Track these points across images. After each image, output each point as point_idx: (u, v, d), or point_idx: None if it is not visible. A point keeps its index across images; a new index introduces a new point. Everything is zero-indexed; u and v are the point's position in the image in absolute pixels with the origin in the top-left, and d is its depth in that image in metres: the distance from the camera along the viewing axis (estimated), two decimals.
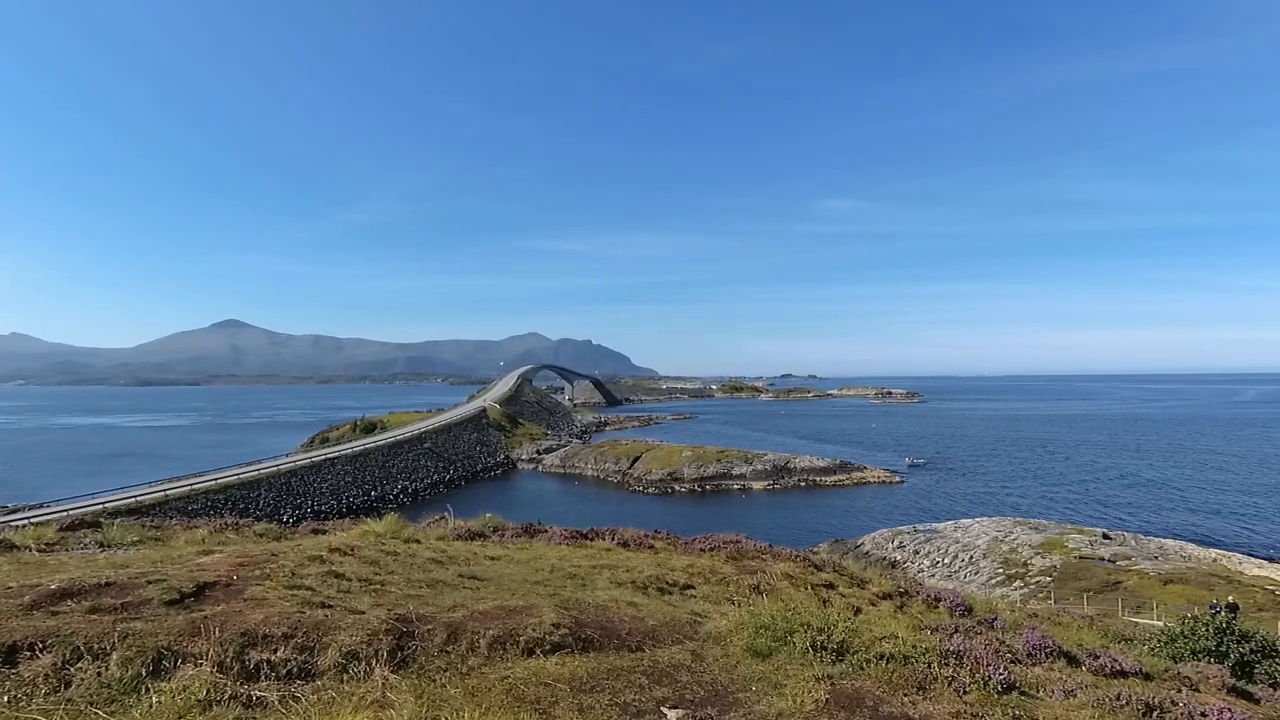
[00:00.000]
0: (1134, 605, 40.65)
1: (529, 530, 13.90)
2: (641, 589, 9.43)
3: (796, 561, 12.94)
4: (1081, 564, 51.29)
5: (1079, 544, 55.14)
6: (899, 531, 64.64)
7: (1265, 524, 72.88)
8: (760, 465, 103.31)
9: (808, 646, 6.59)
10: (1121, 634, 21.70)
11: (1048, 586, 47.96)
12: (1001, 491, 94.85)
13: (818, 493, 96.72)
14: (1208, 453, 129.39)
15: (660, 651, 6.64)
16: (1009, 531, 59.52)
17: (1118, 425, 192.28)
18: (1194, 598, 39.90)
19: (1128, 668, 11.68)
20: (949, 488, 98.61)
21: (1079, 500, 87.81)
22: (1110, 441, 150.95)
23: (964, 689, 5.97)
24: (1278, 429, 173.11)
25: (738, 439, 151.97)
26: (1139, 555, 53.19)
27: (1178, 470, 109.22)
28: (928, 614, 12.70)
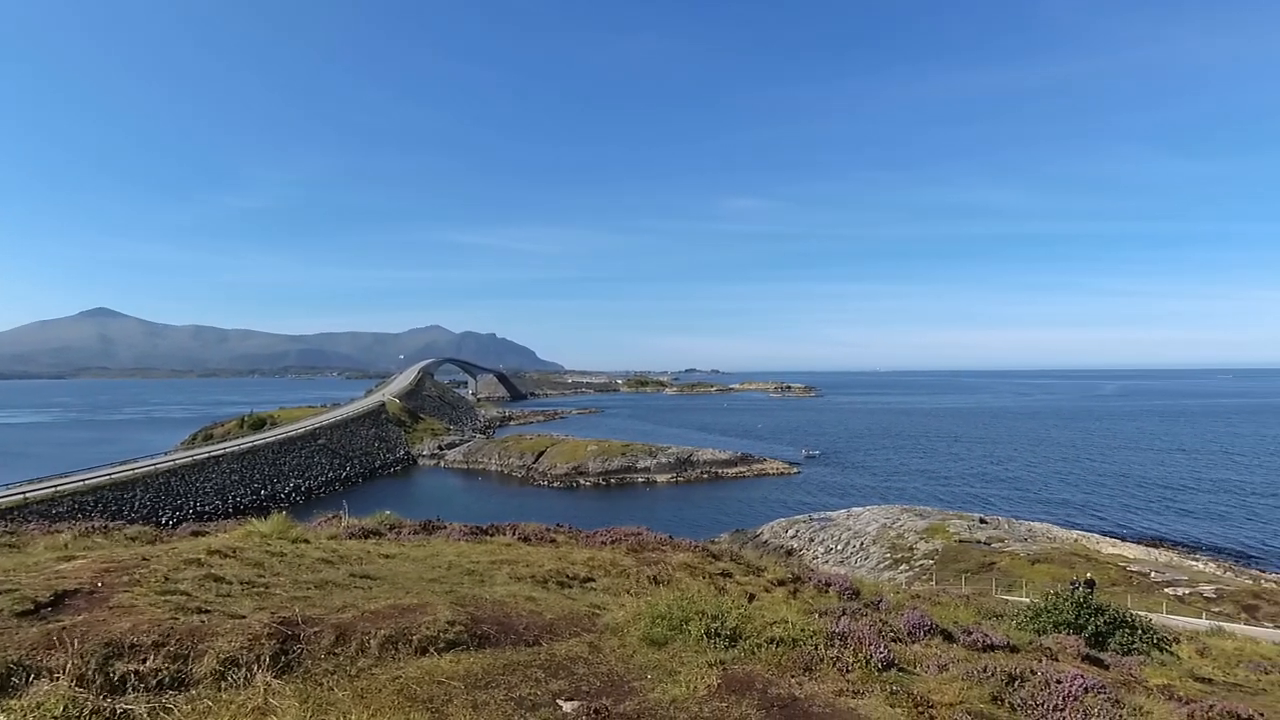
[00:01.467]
0: (1006, 584, 44.15)
1: (427, 527, 13.54)
2: (541, 583, 9.40)
3: (695, 552, 13.25)
4: (961, 547, 55.08)
5: (959, 528, 59.18)
6: (795, 520, 67.29)
7: (1117, 508, 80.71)
8: (664, 458, 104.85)
9: (702, 634, 6.78)
10: (993, 611, 23.50)
11: (930, 569, 51.23)
12: (890, 480, 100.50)
13: (720, 484, 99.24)
14: (1068, 444, 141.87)
15: (558, 645, 6.65)
16: (896, 518, 63.13)
17: (995, 418, 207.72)
18: (1058, 575, 43.70)
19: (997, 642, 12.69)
20: (842, 478, 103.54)
21: (959, 487, 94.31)
22: (987, 433, 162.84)
23: (847, 668, 6.32)
24: (1128, 421, 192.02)
25: (643, 433, 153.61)
26: (1011, 538, 57.67)
27: (1045, 459, 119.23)
28: (819, 598, 13.33)
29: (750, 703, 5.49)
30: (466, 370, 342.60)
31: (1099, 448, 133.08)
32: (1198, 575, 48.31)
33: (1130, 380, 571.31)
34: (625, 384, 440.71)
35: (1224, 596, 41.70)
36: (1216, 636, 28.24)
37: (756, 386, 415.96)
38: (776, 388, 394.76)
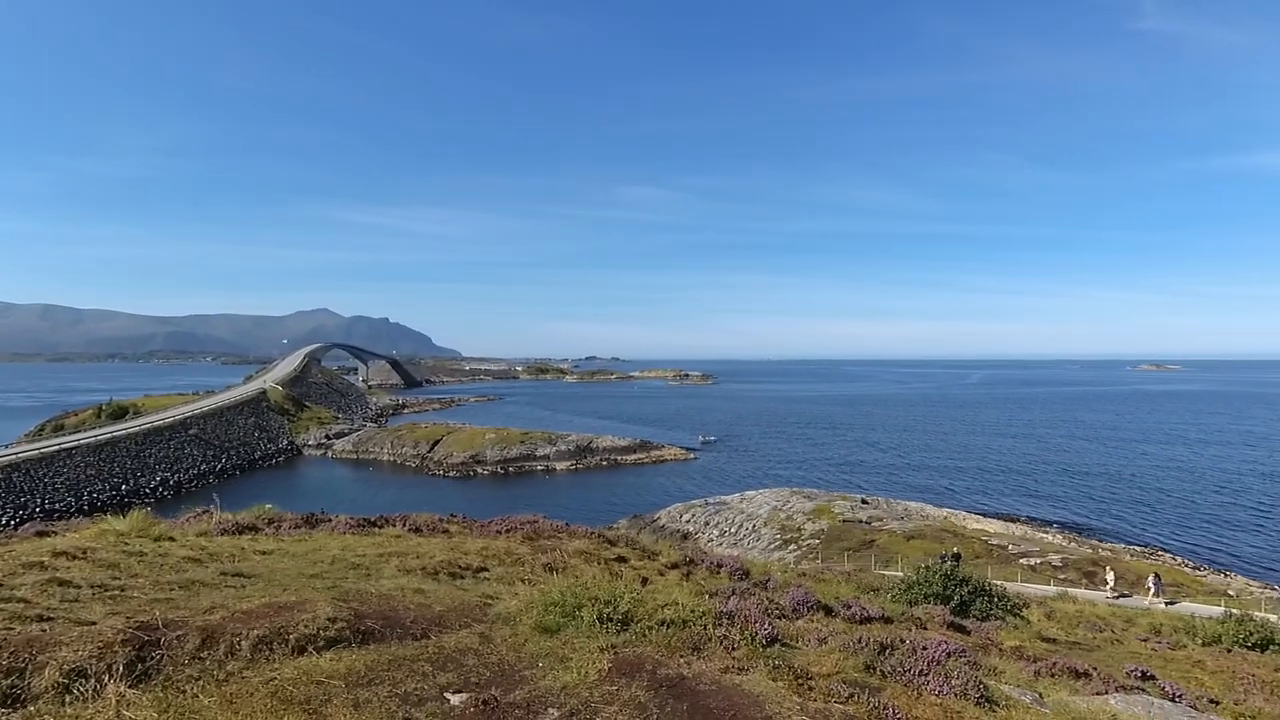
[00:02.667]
0: (884, 560, 47.07)
1: (310, 520, 12.88)
2: (432, 575, 9.15)
3: (591, 538, 13.31)
4: (844, 526, 58.22)
5: (843, 509, 62.51)
6: (691, 505, 68.95)
7: (980, 487, 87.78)
8: (564, 446, 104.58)
9: (595, 620, 6.82)
10: (872, 585, 25.05)
11: (817, 548, 53.88)
12: (781, 464, 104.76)
13: (619, 471, 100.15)
14: (939, 428, 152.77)
15: (447, 637, 6.50)
16: (786, 501, 65.91)
17: (875, 404, 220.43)
18: (929, 550, 47.04)
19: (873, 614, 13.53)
20: (736, 462, 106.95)
21: (844, 470, 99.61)
22: (868, 418, 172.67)
23: (734, 646, 6.54)
24: (990, 408, 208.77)
25: (542, 420, 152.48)
26: (889, 517, 61.53)
27: (918, 442, 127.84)
28: (711, 580, 13.73)
29: (640, 684, 5.58)
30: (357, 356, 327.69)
31: (965, 432, 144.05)
32: (1047, 546, 53.36)
33: (993, 370, 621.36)
34: (525, 371, 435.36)
35: (1068, 565, 46.31)
36: (1061, 601, 31.36)
37: (656, 374, 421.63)
38: (675, 375, 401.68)
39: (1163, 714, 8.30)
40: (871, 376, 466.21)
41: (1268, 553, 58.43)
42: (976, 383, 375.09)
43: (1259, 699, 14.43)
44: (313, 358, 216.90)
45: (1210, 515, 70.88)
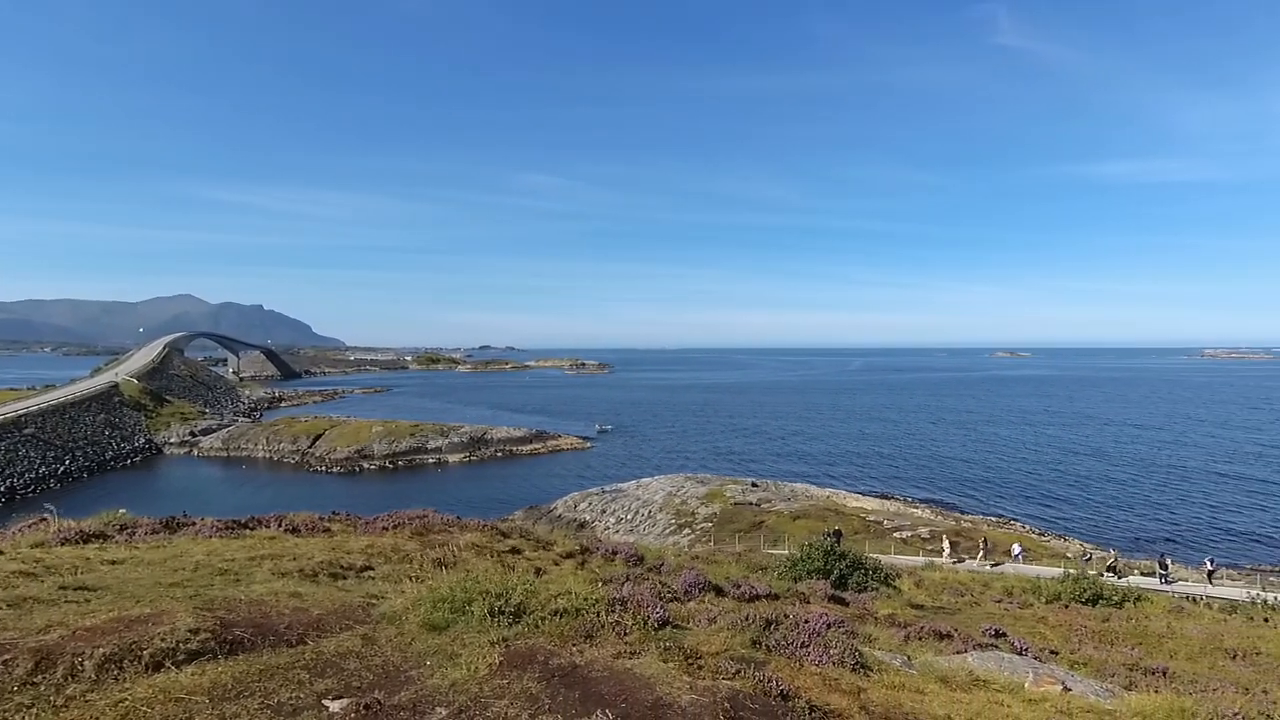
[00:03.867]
0: (772, 539, 49.09)
1: (170, 525, 11.85)
2: (310, 577, 8.66)
3: (484, 531, 13.04)
4: (736, 509, 60.21)
5: (734, 492, 64.61)
6: (588, 494, 69.12)
7: (858, 466, 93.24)
8: (457, 438, 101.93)
9: (486, 613, 6.68)
10: (760, 564, 26.05)
11: (710, 531, 55.44)
12: (676, 451, 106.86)
13: (514, 462, 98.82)
14: (823, 412, 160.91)
15: (326, 641, 6.17)
16: (681, 486, 67.35)
17: (765, 391, 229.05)
18: (814, 529, 49.46)
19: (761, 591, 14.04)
20: (633, 450, 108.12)
21: (735, 455, 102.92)
22: (759, 404, 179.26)
23: (626, 631, 6.60)
24: (868, 393, 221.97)
25: (434, 412, 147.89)
26: (777, 498, 64.17)
27: (805, 425, 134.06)
28: (606, 567, 13.80)
29: (532, 675, 5.53)
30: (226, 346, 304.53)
31: (845, 416, 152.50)
32: (917, 520, 57.50)
33: (872, 358, 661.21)
34: (415, 361, 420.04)
35: (935, 536, 50.08)
36: (929, 570, 33.90)
37: (552, 363, 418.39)
38: (572, 364, 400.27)
39: (1011, 666, 9.15)
40: (762, 364, 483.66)
41: (1096, 519, 65.60)
42: (857, 370, 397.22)
43: (1089, 647, 16.21)
44: (174, 348, 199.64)
45: (1050, 487, 78.71)
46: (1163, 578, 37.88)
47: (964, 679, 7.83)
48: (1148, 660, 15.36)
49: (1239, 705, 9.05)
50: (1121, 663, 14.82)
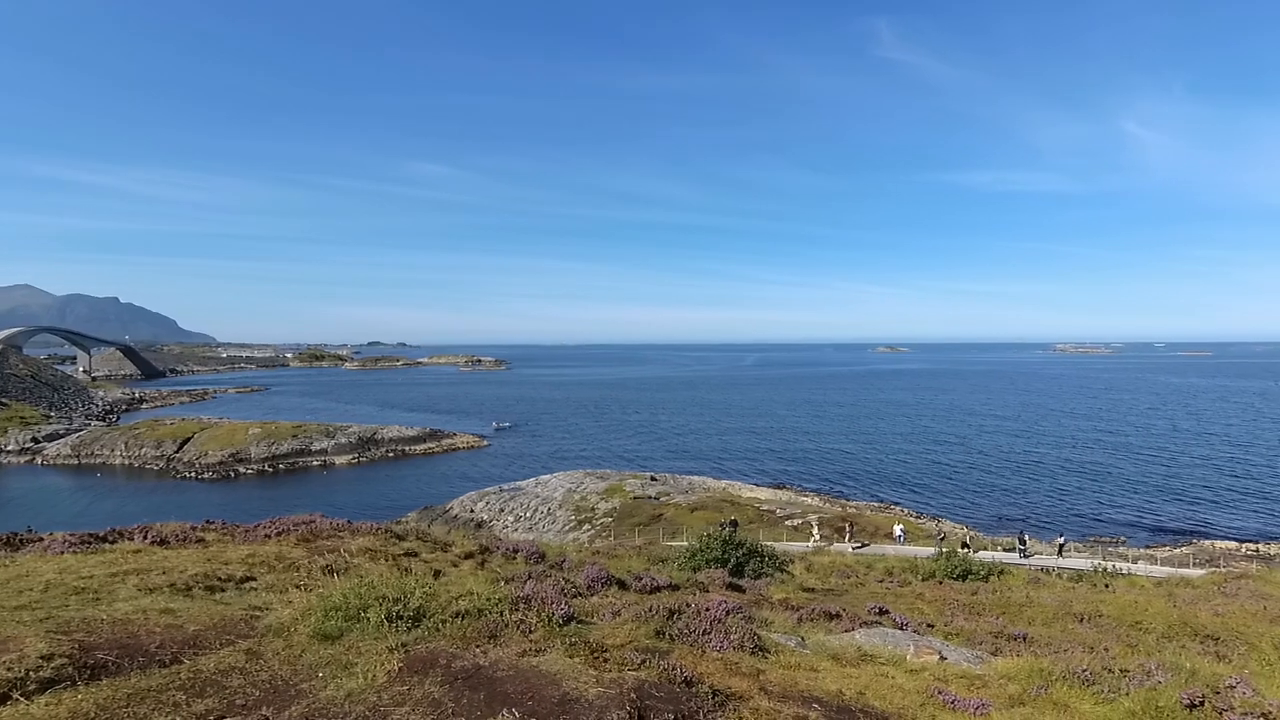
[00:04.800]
0: (672, 531, 49.94)
1: (11, 542, 10.63)
2: (184, 591, 8.01)
3: (378, 535, 12.53)
4: (636, 503, 60.79)
5: (634, 486, 65.22)
6: (486, 492, 67.77)
7: (753, 457, 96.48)
8: (344, 438, 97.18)
9: (383, 619, 6.43)
10: (661, 557, 26.47)
11: (610, 525, 55.70)
12: (575, 447, 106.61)
13: (408, 462, 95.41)
14: (719, 406, 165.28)
15: (205, 659, 5.74)
16: (580, 482, 67.27)
17: (662, 386, 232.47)
18: (711, 519, 50.70)
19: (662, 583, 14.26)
20: (531, 447, 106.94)
21: (635, 449, 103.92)
22: (656, 399, 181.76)
23: (531, 629, 6.54)
24: (761, 386, 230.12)
25: (319, 412, 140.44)
26: (676, 491, 65.33)
27: (701, 420, 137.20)
28: (507, 566, 13.59)
29: (434, 679, 5.37)
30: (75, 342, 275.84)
31: (740, 410, 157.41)
32: (808, 508, 60.19)
33: (766, 353, 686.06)
34: (297, 358, 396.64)
35: (825, 523, 52.60)
36: (819, 555, 35.59)
37: (447, 360, 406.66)
38: (468, 361, 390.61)
39: (894, 640, 9.78)
40: (661, 360, 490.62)
41: (964, 502, 71.13)
42: (750, 365, 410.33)
43: (961, 619, 17.56)
44: (10, 344, 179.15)
45: (924, 474, 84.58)
46: (1021, 552, 41.57)
47: (853, 655, 8.29)
48: (1010, 627, 16.81)
49: (1085, 662, 10.08)
50: (989, 631, 16.15)
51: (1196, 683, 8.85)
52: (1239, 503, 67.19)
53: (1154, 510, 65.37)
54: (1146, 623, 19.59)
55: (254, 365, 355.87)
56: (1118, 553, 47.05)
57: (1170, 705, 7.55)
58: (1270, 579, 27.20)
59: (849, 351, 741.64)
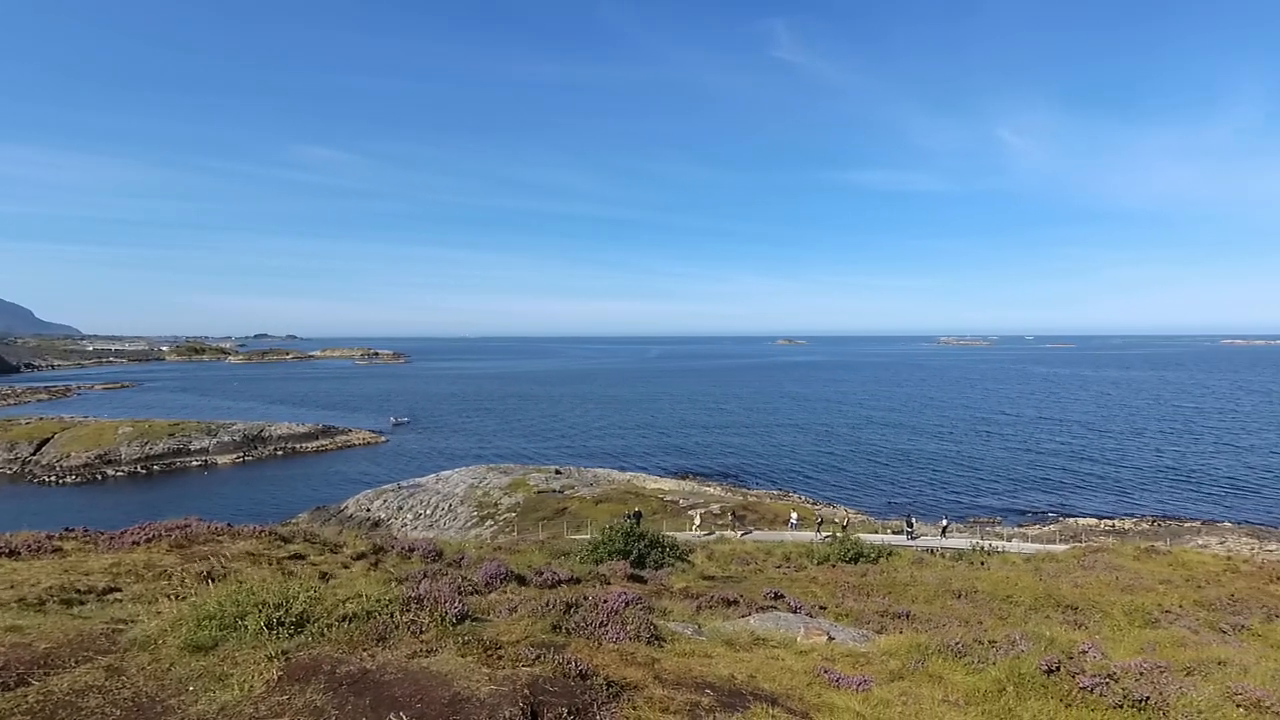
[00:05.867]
0: (576, 525, 49.87)
1: None
2: (35, 606, 7.29)
3: (261, 538, 11.84)
4: (539, 497, 60.32)
5: (538, 480, 64.67)
6: (383, 490, 65.40)
7: (657, 449, 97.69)
8: (228, 437, 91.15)
9: (263, 626, 6.10)
10: (564, 550, 26.40)
11: (514, 520, 55.01)
12: (478, 442, 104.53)
13: (299, 460, 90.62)
14: (624, 399, 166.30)
15: (58, 679, 5.26)
16: (483, 477, 66.05)
17: (567, 379, 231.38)
18: (616, 511, 51.01)
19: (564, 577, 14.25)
20: (432, 443, 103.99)
21: (539, 443, 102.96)
22: (561, 392, 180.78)
23: (422, 629, 6.38)
24: (665, 379, 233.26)
25: (199, 409, 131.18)
26: (580, 484, 65.27)
27: (606, 412, 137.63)
28: (402, 565, 13.18)
29: (317, 687, 5.15)
30: None
31: (644, 401, 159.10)
32: (710, 497, 61.61)
33: (669, 345, 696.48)
34: (174, 352, 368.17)
35: (726, 511, 54.04)
36: (720, 543, 36.52)
37: (341, 353, 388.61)
38: (364, 354, 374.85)
39: (786, 624, 10.20)
40: (565, 353, 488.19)
41: (857, 488, 74.95)
42: (655, 358, 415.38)
43: (851, 600, 18.52)
44: None
45: (821, 461, 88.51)
46: (909, 535, 44.24)
47: (746, 640, 8.59)
48: (896, 606, 17.89)
49: (960, 636, 10.88)
50: (876, 611, 17.12)
51: (1054, 650, 9.74)
52: (1097, 484, 74.12)
53: (1025, 492, 71.12)
54: (1016, 596, 21.33)
55: (124, 360, 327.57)
56: (994, 532, 50.97)
57: (1031, 672, 8.27)
58: (1122, 552, 30.19)
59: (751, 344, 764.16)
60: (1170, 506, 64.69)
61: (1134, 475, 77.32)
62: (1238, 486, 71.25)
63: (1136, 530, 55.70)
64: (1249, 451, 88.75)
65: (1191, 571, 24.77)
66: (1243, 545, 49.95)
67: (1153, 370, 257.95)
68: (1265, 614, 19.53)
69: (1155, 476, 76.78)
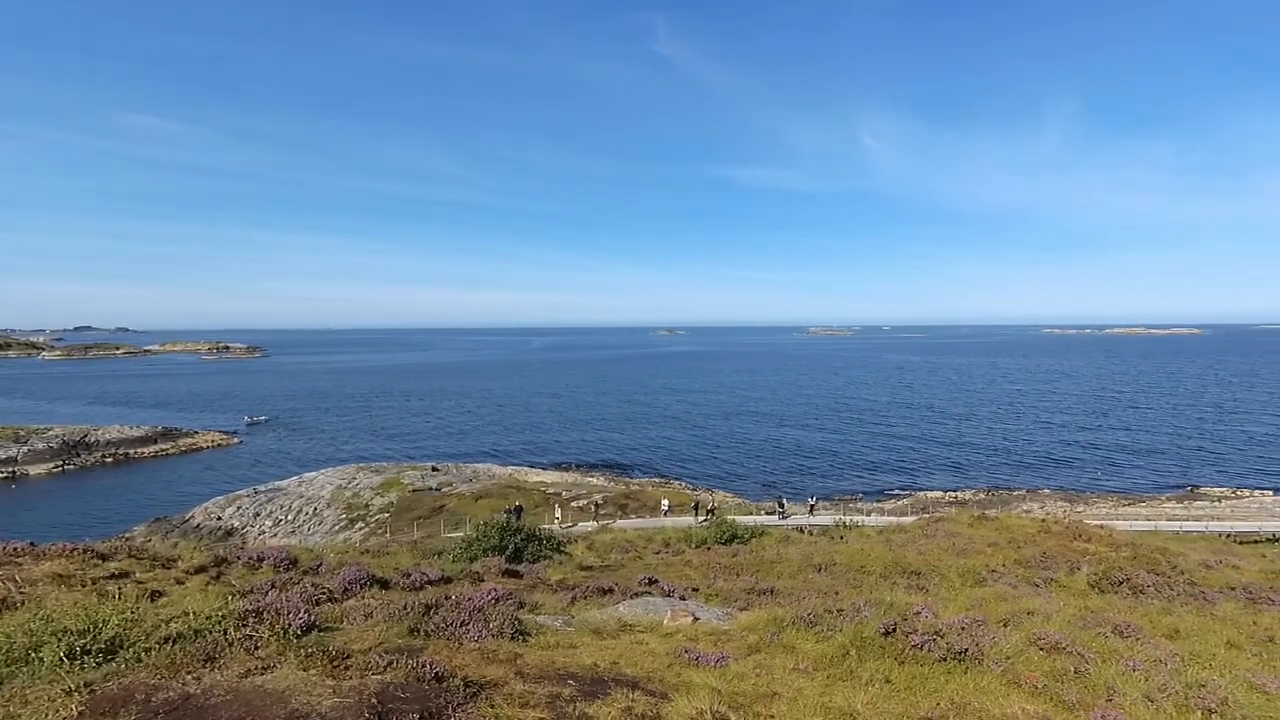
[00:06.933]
0: (454, 522, 48.41)
1: None
2: None
3: (73, 557, 10.50)
4: (415, 496, 58.05)
5: (412, 479, 62.19)
6: (237, 496, 60.51)
7: (537, 441, 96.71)
8: (42, 443, 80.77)
9: (63, 657, 5.38)
10: (437, 549, 25.50)
11: (386, 522, 52.62)
12: (346, 441, 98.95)
13: (134, 467, 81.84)
14: (504, 392, 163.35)
15: None
16: (352, 478, 62.67)
17: (443, 372, 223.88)
18: (496, 507, 50.02)
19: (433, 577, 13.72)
20: (294, 443, 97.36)
21: (414, 440, 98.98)
22: (438, 386, 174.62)
23: (259, 644, 5.87)
24: (546, 370, 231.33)
25: (5, 412, 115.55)
26: (459, 480, 63.41)
27: (485, 406, 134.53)
28: (248, 577, 12.18)
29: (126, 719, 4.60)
30: None
31: (525, 394, 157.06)
32: (593, 488, 61.85)
33: (551, 337, 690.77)
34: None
35: (609, 501, 54.46)
36: (601, 533, 36.72)
37: (185, 348, 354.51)
38: (212, 348, 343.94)
39: (655, 608, 10.35)
40: (441, 345, 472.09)
41: (732, 472, 77.92)
42: (536, 349, 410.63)
43: (722, 580, 19.16)
44: None
45: (698, 448, 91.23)
46: (780, 514, 46.52)
47: (614, 627, 8.62)
48: (761, 583, 18.69)
49: (813, 607, 11.50)
50: (743, 589, 17.79)
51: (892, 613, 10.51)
52: (941, 460, 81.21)
53: (882, 470, 76.72)
54: (869, 566, 22.91)
55: None
56: (855, 508, 54.61)
57: (871, 635, 8.86)
58: (959, 520, 33.18)
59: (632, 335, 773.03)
60: (1000, 478, 72.08)
61: (971, 451, 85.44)
62: (1053, 458, 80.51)
63: (974, 500, 61.58)
64: (1061, 428, 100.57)
65: (1014, 534, 27.67)
66: (1057, 509, 56.54)
67: (987, 357, 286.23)
68: (1069, 567, 22.14)
69: (988, 451, 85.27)
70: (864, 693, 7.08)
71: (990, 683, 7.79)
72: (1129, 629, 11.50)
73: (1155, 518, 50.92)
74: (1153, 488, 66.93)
